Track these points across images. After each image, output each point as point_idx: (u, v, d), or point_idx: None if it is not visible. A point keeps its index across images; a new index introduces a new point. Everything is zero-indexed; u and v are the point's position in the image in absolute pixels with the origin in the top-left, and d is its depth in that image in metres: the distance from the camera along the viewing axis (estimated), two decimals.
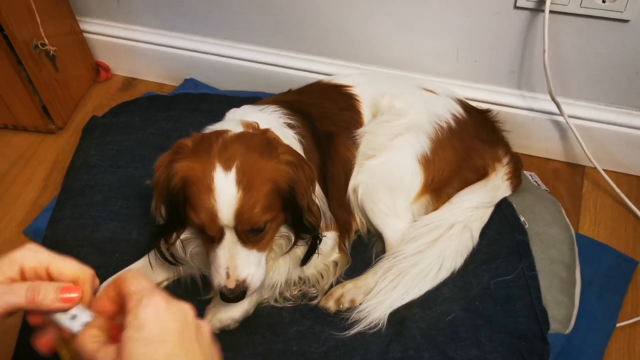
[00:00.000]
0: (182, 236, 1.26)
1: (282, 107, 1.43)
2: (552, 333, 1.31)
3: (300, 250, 1.31)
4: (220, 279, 1.15)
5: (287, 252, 1.30)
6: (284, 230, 1.26)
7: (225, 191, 1.09)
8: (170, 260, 1.28)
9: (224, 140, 1.15)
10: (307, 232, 1.24)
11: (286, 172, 1.15)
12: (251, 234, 1.15)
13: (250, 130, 1.26)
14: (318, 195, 1.33)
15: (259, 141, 1.18)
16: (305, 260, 1.31)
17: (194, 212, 1.12)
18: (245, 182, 1.10)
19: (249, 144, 1.16)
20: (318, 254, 1.30)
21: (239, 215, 1.10)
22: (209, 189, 1.09)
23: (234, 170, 1.10)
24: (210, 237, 1.15)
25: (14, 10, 1.69)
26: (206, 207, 1.10)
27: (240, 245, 1.15)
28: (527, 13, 1.57)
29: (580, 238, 1.56)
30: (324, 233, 1.39)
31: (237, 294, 1.16)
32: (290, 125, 1.38)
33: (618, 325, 1.43)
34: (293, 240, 1.27)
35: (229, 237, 1.14)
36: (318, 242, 1.27)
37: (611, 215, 1.69)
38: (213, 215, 1.10)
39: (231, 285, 1.14)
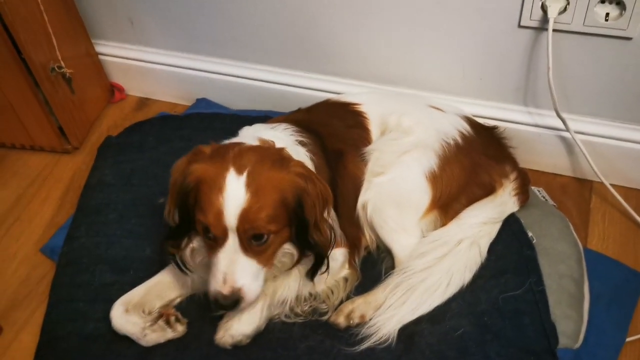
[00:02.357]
0: (193, 244, 1.29)
1: (293, 125, 1.46)
2: (561, 348, 1.32)
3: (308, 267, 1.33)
4: (216, 284, 1.16)
5: (290, 269, 1.32)
6: (288, 248, 1.28)
7: (234, 192, 1.13)
8: (180, 265, 1.32)
9: (240, 150, 1.21)
10: (310, 249, 1.26)
11: (295, 183, 1.18)
12: (254, 241, 1.17)
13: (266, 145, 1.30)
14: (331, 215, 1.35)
15: (273, 154, 1.23)
16: (311, 275, 1.31)
17: (202, 212, 1.16)
18: (254, 187, 1.14)
19: (263, 155, 1.21)
20: (328, 272, 1.32)
21: (244, 216, 1.13)
22: (219, 189, 1.14)
23: (245, 174, 1.14)
24: (214, 239, 1.17)
25: (31, 34, 1.74)
26: (214, 206, 1.14)
27: (242, 252, 1.17)
28: (531, 32, 1.60)
29: (589, 253, 1.57)
30: (335, 250, 1.41)
31: (230, 301, 1.17)
32: (302, 143, 1.41)
33: (627, 339, 1.43)
34: (296, 257, 1.29)
35: (232, 241, 1.16)
36: (325, 260, 1.28)
37: (619, 229, 1.69)
38: (219, 214, 1.13)
39: (226, 291, 1.16)
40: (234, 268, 1.17)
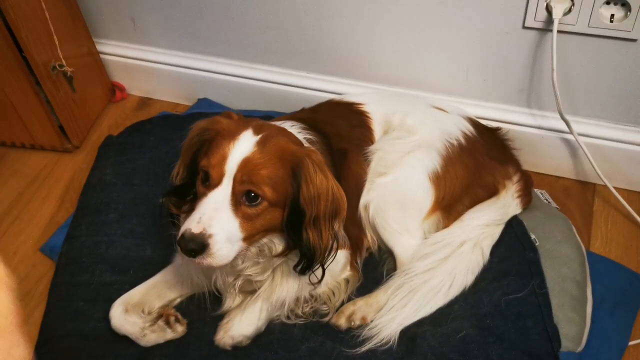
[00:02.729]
0: None
1: (300, 123, 1.44)
2: (564, 351, 1.31)
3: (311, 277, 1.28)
4: (190, 222, 1.12)
5: (275, 256, 1.26)
6: (276, 239, 1.24)
7: (243, 143, 1.16)
8: (174, 222, 1.31)
9: (265, 122, 1.27)
10: (300, 247, 1.21)
11: (303, 162, 1.16)
12: (246, 200, 1.14)
13: None
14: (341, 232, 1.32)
15: (296, 137, 1.27)
16: (300, 271, 1.24)
17: (207, 157, 1.16)
18: (264, 146, 1.16)
19: (285, 132, 1.26)
20: (321, 280, 1.28)
21: (244, 165, 1.13)
22: (232, 139, 1.16)
23: (260, 135, 1.17)
24: (209, 185, 1.15)
25: (33, 33, 1.74)
26: (221, 150, 1.15)
27: (230, 205, 1.13)
28: (536, 33, 1.59)
29: (592, 256, 1.56)
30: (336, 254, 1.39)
31: (196, 243, 1.10)
32: (310, 141, 1.39)
33: (630, 343, 1.42)
34: (282, 248, 1.24)
35: (225, 189, 1.13)
36: (313, 264, 1.23)
37: (623, 232, 1.69)
38: (223, 158, 1.14)
39: (195, 229, 1.10)
40: (214, 214, 1.12)
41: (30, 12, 1.73)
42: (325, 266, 1.25)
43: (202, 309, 1.40)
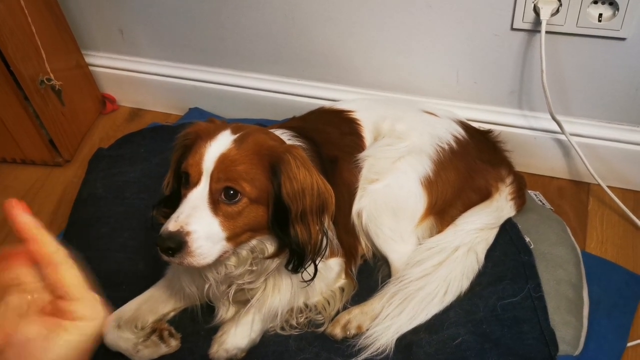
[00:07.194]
0: None
1: (290, 131, 1.43)
2: (562, 355, 1.30)
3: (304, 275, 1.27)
4: (168, 222, 1.10)
5: (267, 257, 1.24)
6: (269, 241, 1.22)
7: (220, 142, 1.15)
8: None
9: (245, 124, 1.26)
10: (289, 245, 1.18)
11: (282, 157, 1.15)
12: (225, 197, 1.12)
13: None
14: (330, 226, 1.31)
15: (274, 135, 1.25)
16: (293, 268, 1.21)
17: (187, 159, 1.16)
18: (241, 143, 1.15)
19: (264, 130, 1.26)
20: (314, 275, 1.26)
21: (221, 161, 1.12)
22: (210, 139, 1.16)
23: (239, 134, 1.17)
24: (188, 187, 1.14)
25: (19, 47, 1.73)
26: (199, 151, 1.15)
27: (208, 204, 1.12)
28: (524, 34, 1.58)
29: (587, 257, 1.55)
30: (331, 260, 1.39)
31: (173, 240, 1.08)
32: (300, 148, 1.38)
33: (629, 344, 1.41)
34: (274, 249, 1.22)
35: (202, 188, 1.12)
36: (304, 260, 1.20)
37: (618, 232, 1.68)
38: (200, 157, 1.14)
39: (172, 227, 1.08)
40: (192, 212, 1.10)
41: (16, 27, 1.72)
42: (316, 262, 1.23)
43: (196, 322, 1.39)
